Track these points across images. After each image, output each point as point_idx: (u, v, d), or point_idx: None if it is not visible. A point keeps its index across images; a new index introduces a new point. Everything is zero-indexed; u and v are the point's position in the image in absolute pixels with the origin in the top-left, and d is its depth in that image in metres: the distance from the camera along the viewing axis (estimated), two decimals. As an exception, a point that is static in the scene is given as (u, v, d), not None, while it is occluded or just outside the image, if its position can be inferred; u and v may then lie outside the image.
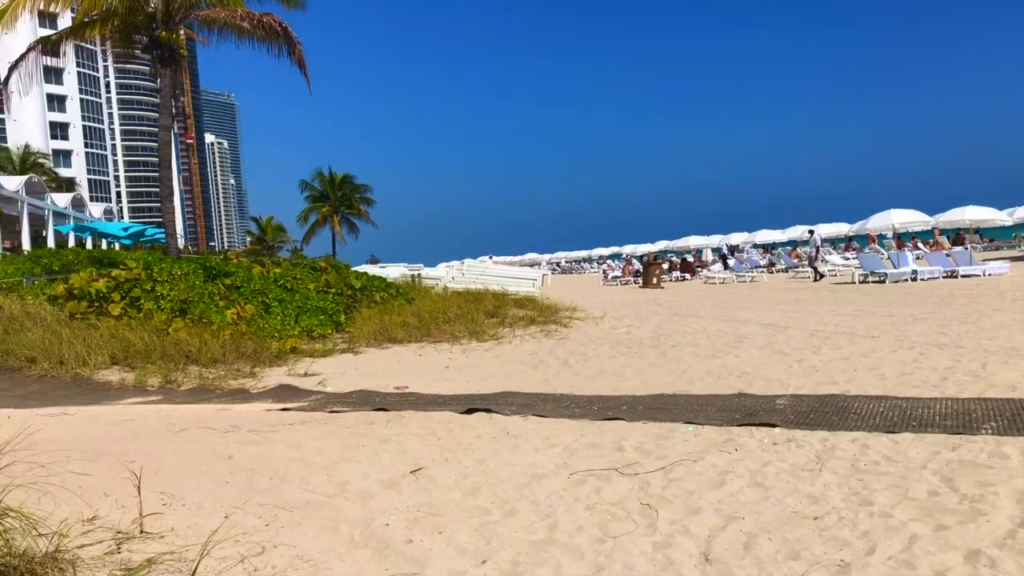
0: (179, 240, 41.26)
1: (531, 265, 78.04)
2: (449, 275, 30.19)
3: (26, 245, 35.81)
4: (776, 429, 7.19)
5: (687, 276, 41.30)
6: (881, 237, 45.32)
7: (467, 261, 41.94)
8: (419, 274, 32.82)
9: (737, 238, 60.86)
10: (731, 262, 42.49)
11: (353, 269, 26.59)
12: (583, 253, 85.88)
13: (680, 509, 5.30)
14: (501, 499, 5.68)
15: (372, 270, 34.15)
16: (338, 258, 59.84)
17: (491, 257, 73.25)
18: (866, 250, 37.93)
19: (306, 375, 12.17)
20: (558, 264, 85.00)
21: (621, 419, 7.96)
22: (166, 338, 13.76)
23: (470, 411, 8.62)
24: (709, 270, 40.95)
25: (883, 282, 26.33)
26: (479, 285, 23.89)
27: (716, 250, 56.99)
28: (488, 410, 8.61)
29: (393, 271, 34.07)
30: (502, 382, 10.87)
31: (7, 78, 21.01)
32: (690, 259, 47.30)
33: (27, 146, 78.71)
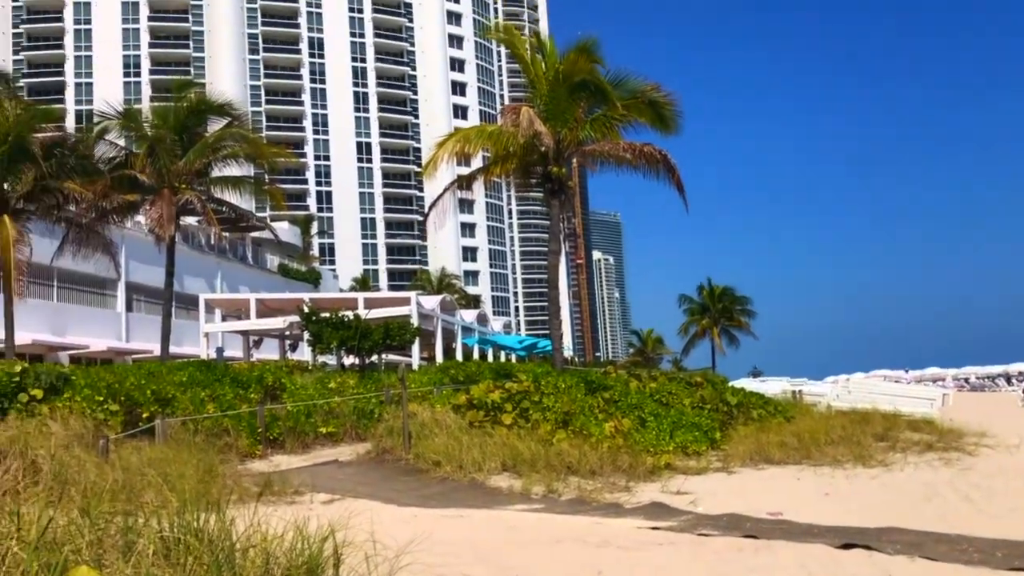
0: (567, 351, 44.22)
1: (933, 381, 70.77)
2: (833, 392, 28.56)
3: (439, 356, 40.54)
4: None
5: None
6: None
7: (854, 377, 39.37)
8: (800, 390, 31.43)
9: None
10: None
11: (730, 384, 26.29)
12: (997, 368, 76.07)
13: None
14: (876, 651, 5.24)
15: (751, 384, 33.42)
16: (717, 370, 59.48)
17: (906, 372, 67.63)
18: None
19: (678, 493, 12.20)
20: (966, 380, 76.14)
21: (1031, 571, 6.93)
22: (550, 448, 14.69)
23: (847, 546, 8.05)
24: None
25: None
26: (867, 404, 22.28)
27: None
28: (868, 547, 7.98)
29: (773, 385, 33.02)
30: (887, 515, 10.00)
31: (427, 215, 24.61)
32: None
33: (443, 269, 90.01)
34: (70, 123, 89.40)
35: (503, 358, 51.01)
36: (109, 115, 27.63)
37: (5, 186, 23.79)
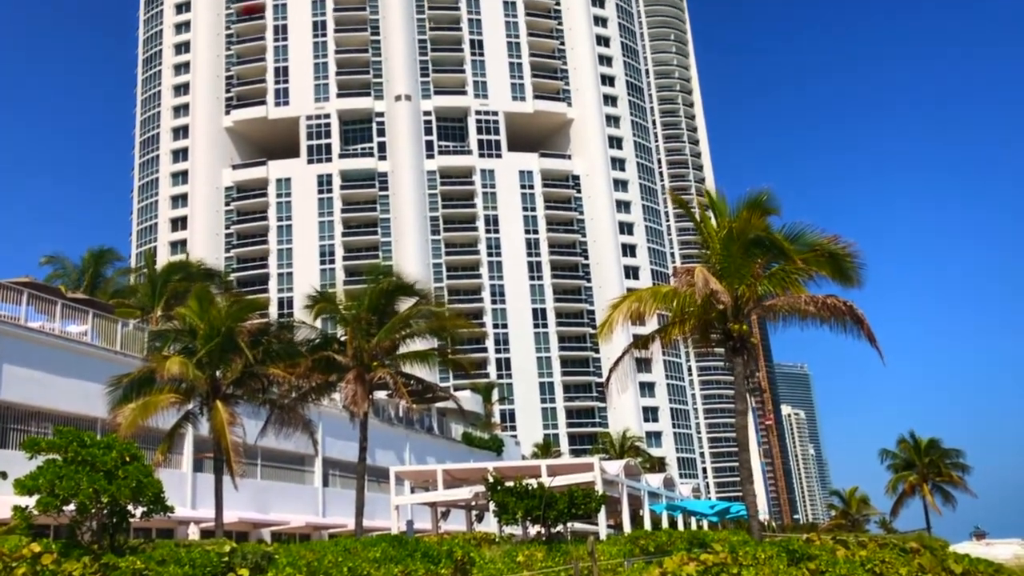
0: (761, 515, 41.70)
1: None
2: (1079, 556, 25.20)
3: (626, 524, 39.28)
4: None
5: None
6: None
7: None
8: (1038, 554, 27.99)
9: None
10: None
11: (951, 548, 23.88)
12: None
13: None
14: None
15: (976, 548, 30.12)
16: (933, 532, 54.11)
17: None
18: None
19: None
20: None
21: None
22: (754, 627, 13.67)
23: None
24: None
25: None
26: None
27: None
28: None
29: (1003, 550, 29.61)
30: None
31: (607, 378, 24.66)
32: None
33: (624, 431, 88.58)
34: (272, 311, 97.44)
35: (694, 524, 48.79)
36: (318, 299, 30.04)
37: (217, 374, 25.88)
